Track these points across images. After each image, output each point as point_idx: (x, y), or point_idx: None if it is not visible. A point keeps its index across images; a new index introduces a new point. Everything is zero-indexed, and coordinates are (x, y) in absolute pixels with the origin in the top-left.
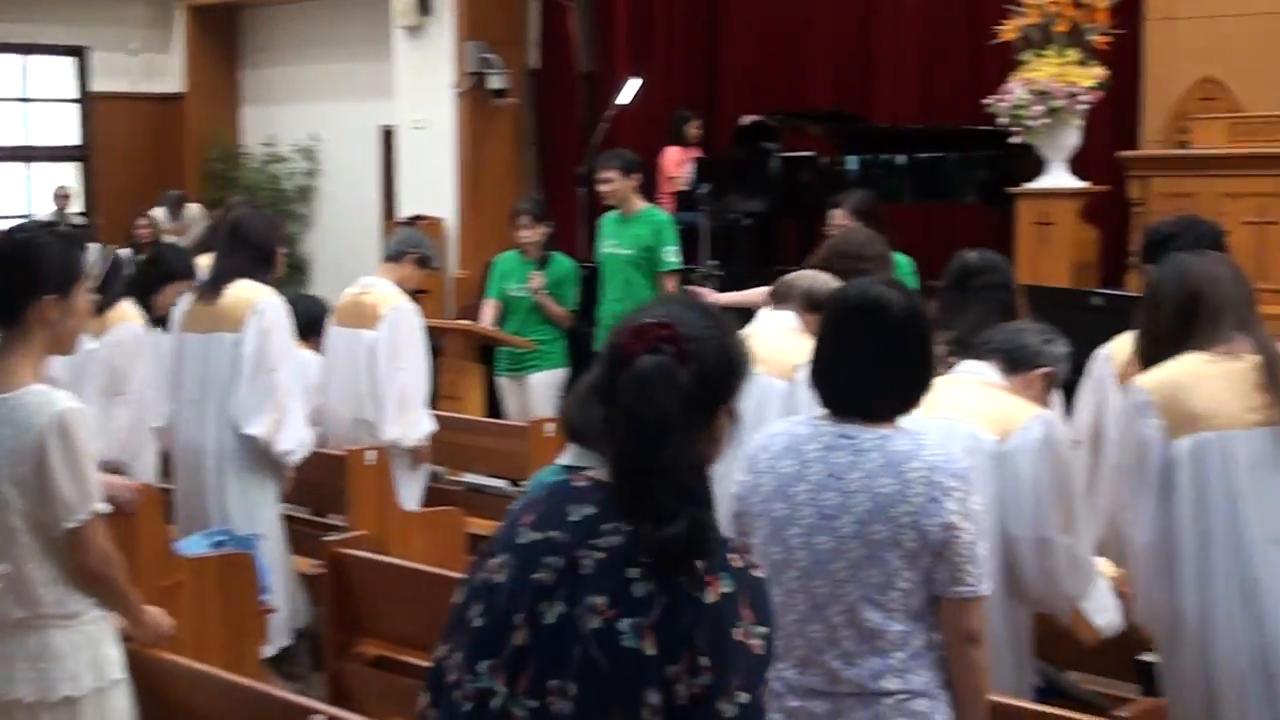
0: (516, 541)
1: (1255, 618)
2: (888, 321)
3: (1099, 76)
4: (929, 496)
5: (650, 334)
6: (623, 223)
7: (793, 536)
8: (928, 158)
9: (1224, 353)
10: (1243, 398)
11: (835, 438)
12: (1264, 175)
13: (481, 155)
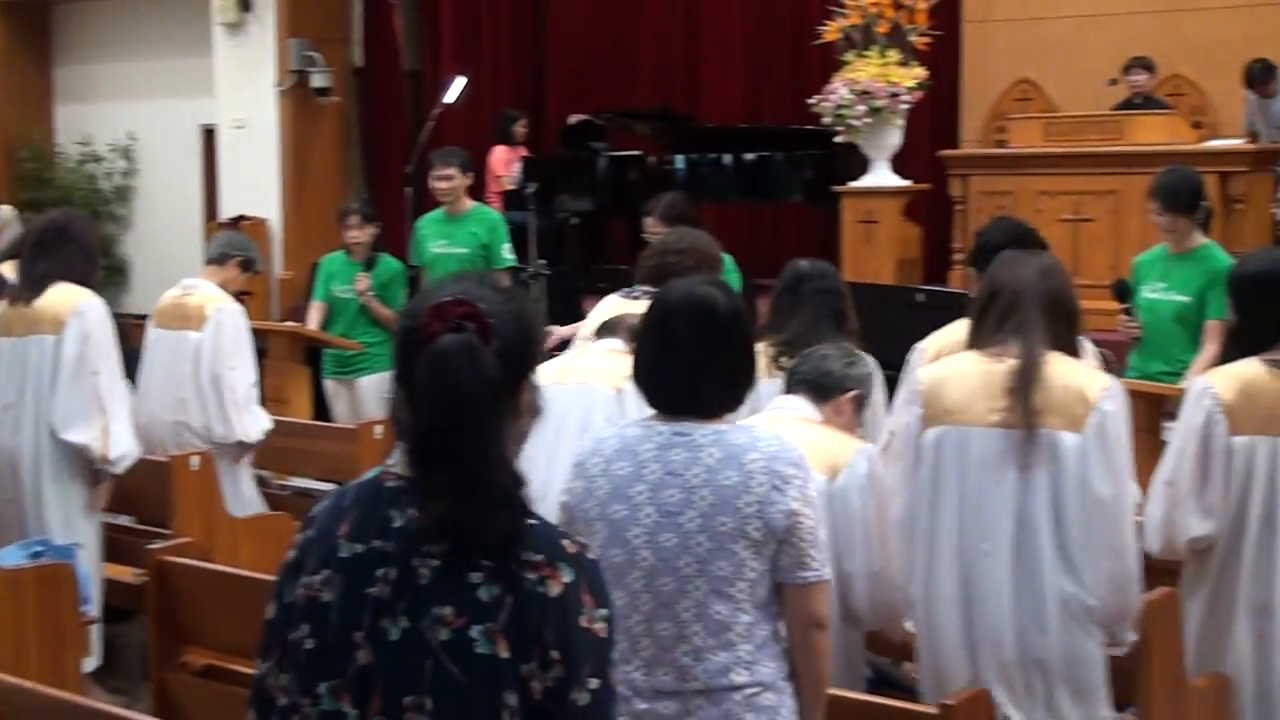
0: (339, 555)
1: (966, 620)
2: (713, 319)
3: (919, 77)
4: (771, 485)
5: (450, 312)
6: (452, 222)
7: (635, 537)
8: (754, 157)
9: (994, 354)
10: (990, 398)
11: (670, 436)
12: (1078, 174)
13: (305, 154)
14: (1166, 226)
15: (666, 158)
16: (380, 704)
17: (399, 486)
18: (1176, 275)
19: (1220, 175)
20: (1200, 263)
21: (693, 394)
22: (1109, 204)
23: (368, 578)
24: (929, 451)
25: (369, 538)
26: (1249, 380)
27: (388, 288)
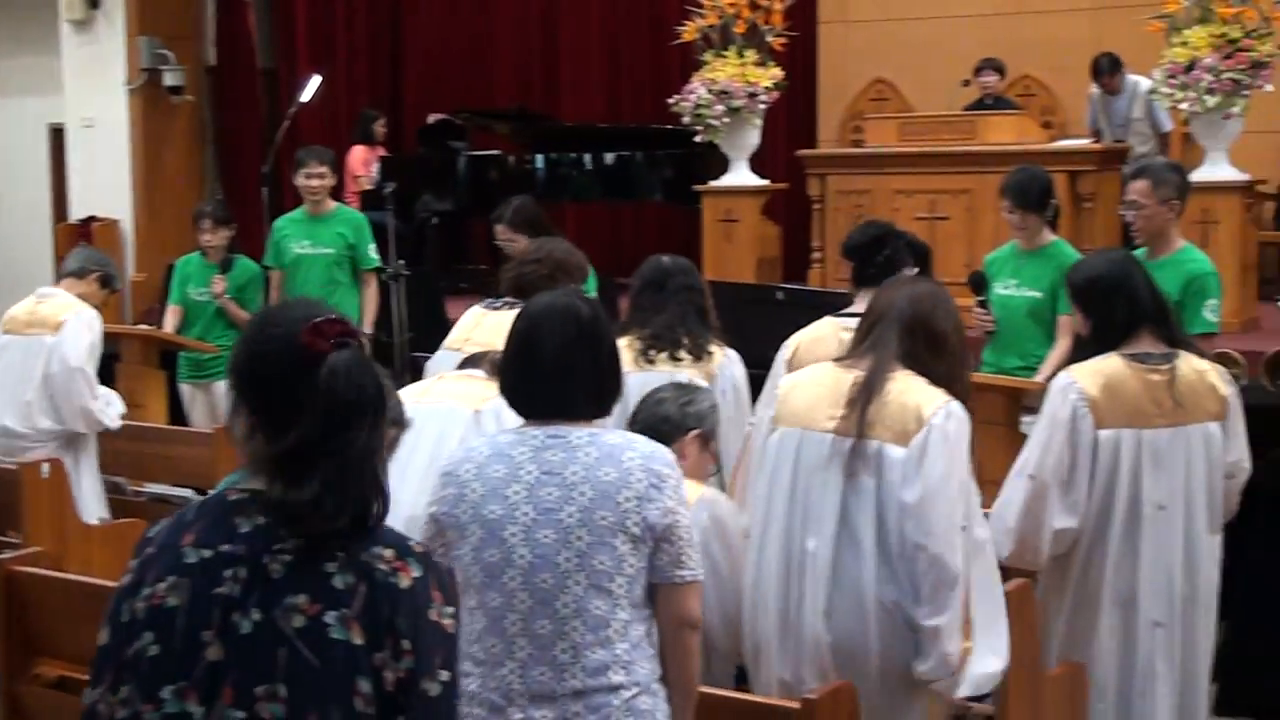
0: (185, 562)
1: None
2: (576, 326)
3: (776, 77)
4: (649, 483)
5: (331, 330)
6: (315, 222)
7: (512, 535)
8: (615, 157)
9: (848, 365)
10: (832, 406)
11: (545, 439)
12: (933, 173)
13: (158, 154)
14: (1017, 224)
15: (526, 157)
16: (231, 696)
17: (243, 499)
18: (1028, 272)
19: (1069, 174)
20: (1050, 259)
21: (562, 399)
22: (963, 202)
23: (216, 578)
24: (771, 451)
25: (216, 543)
26: (1110, 375)
27: (244, 290)
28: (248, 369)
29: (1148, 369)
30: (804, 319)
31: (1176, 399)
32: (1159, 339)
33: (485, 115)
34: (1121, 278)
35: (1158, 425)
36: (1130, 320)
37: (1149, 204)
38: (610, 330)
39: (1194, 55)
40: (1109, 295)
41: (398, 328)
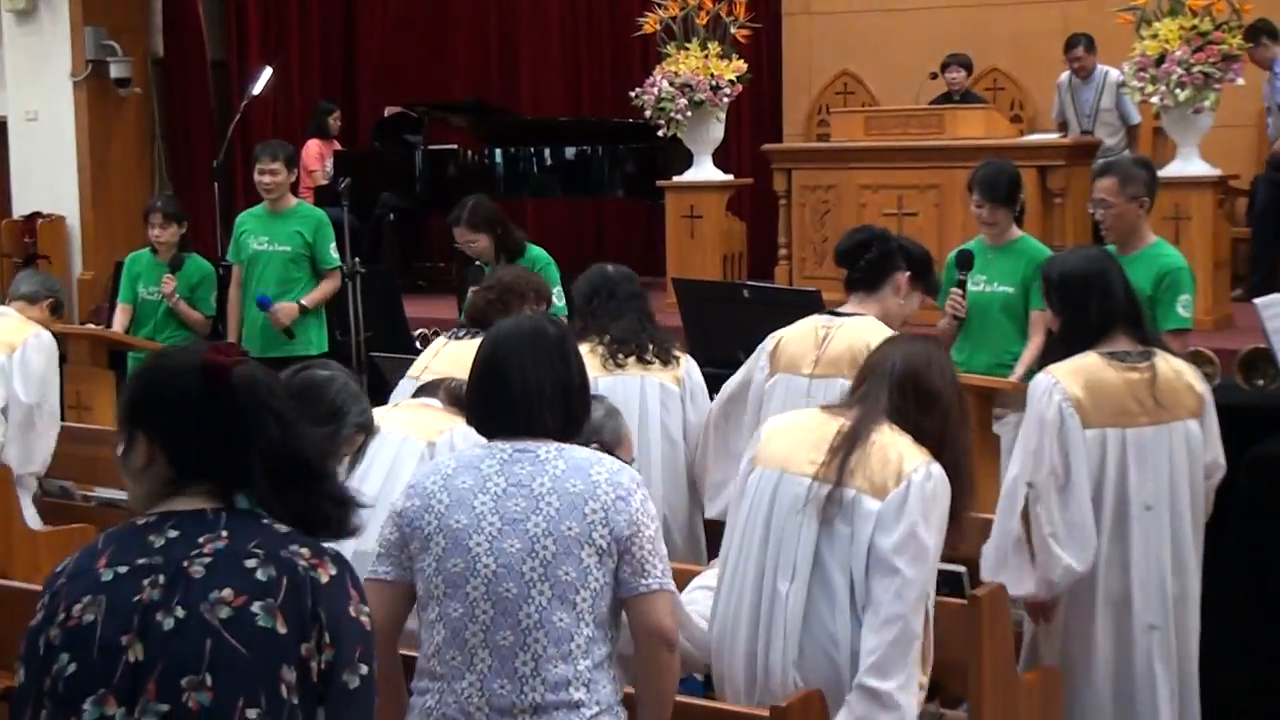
0: (100, 581)
1: (752, 659)
2: (544, 346)
3: (740, 70)
4: (615, 495)
5: (231, 350)
6: (274, 219)
7: (477, 545)
8: (575, 151)
9: (835, 412)
10: (813, 449)
11: (513, 453)
12: (900, 168)
13: (105, 148)
14: (987, 219)
15: (484, 152)
16: (154, 692)
17: (151, 521)
18: (998, 267)
19: (1039, 169)
20: (1020, 254)
21: (530, 421)
22: (931, 197)
23: (134, 588)
24: (749, 490)
25: (132, 559)
26: (1091, 373)
27: (197, 290)
28: (148, 398)
29: (1127, 367)
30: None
31: (1157, 397)
32: (1133, 339)
33: (442, 108)
34: (1095, 275)
35: (1141, 424)
36: (1103, 318)
37: (1117, 202)
38: (578, 351)
39: (1164, 48)
40: (1083, 292)
41: (354, 327)
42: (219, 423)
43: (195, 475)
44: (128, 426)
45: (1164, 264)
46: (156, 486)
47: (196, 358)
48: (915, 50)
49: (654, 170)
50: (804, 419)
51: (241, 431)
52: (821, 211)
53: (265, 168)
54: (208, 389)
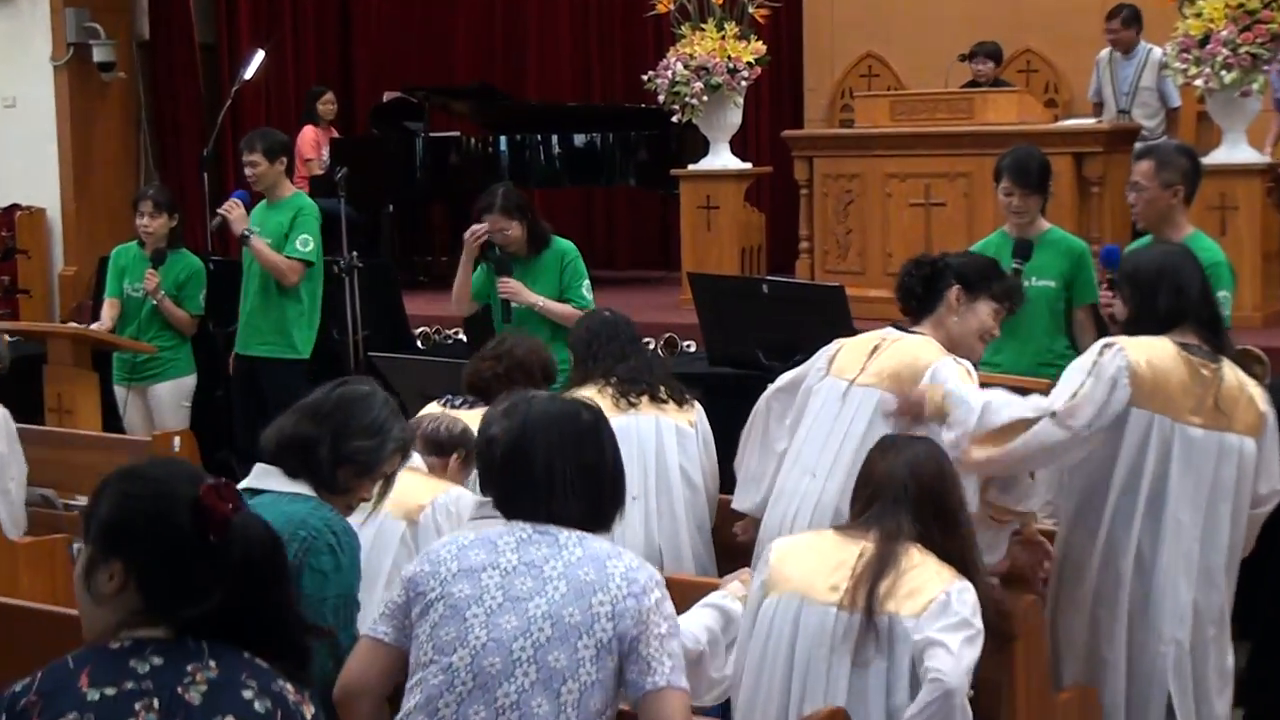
0: (87, 700)
1: None
2: (576, 432)
3: (759, 52)
4: (628, 591)
5: (229, 494)
6: (268, 210)
7: (473, 615)
8: (584, 138)
9: (852, 533)
10: (833, 573)
11: (532, 533)
12: (928, 155)
13: (88, 136)
14: (1016, 207)
15: (488, 139)
16: None
17: (129, 646)
18: (1035, 261)
19: (1074, 156)
20: (1055, 246)
21: (553, 507)
22: (961, 187)
23: (126, 710)
24: (765, 619)
25: (119, 682)
26: (1159, 354)
27: (184, 287)
28: (128, 526)
29: (1199, 361)
30: (791, 313)
31: (1218, 401)
32: (1202, 339)
33: (444, 93)
34: (1171, 268)
35: (1193, 422)
36: (1173, 310)
37: (1150, 186)
38: (614, 441)
39: (1209, 28)
40: (1154, 282)
41: (352, 325)
42: (207, 571)
43: (168, 611)
44: (100, 549)
45: (1200, 258)
46: (123, 616)
47: (191, 489)
48: (944, 30)
49: (668, 158)
50: (818, 541)
51: (230, 586)
52: (845, 202)
53: (244, 159)
54: (200, 531)
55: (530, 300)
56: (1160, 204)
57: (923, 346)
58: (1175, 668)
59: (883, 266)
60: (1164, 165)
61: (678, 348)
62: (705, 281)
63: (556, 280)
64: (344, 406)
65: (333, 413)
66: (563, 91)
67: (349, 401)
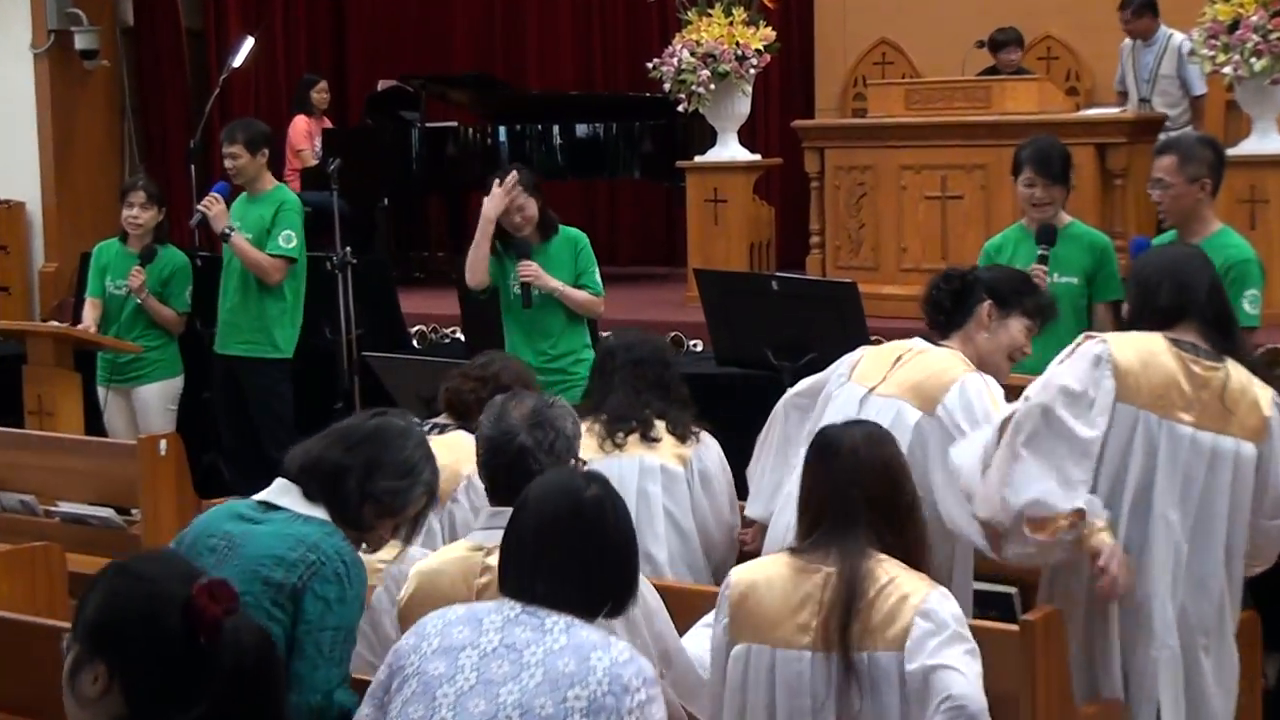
0: None
1: None
2: (573, 511)
3: (768, 38)
4: (608, 689)
5: (223, 595)
6: (250, 204)
7: (443, 695)
8: (587, 129)
9: (806, 561)
10: (798, 611)
11: (520, 614)
12: (945, 146)
13: (70, 127)
14: (1040, 198)
15: (487, 130)
16: None
17: None
18: (1058, 256)
19: (1097, 147)
20: (1078, 240)
21: (549, 592)
22: (978, 179)
23: None
24: (735, 667)
25: None
26: (1147, 349)
27: (169, 284)
28: (115, 626)
29: (1191, 359)
30: (802, 311)
31: (1216, 401)
32: (1207, 339)
33: (441, 82)
34: (1178, 265)
35: (1183, 420)
36: (1175, 305)
37: (1175, 182)
38: (620, 521)
39: (1238, 13)
40: (1157, 277)
41: (345, 324)
42: (195, 677)
43: (152, 717)
44: (86, 649)
45: (1229, 255)
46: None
47: (183, 589)
48: (960, 16)
49: (673, 149)
50: (775, 572)
51: (219, 694)
52: (858, 195)
53: (225, 151)
54: (190, 634)
55: (551, 285)
56: (1187, 200)
57: (949, 360)
58: (1167, 674)
59: (897, 262)
60: (1188, 159)
61: (684, 347)
62: (712, 278)
63: (571, 267)
64: (378, 439)
65: (364, 443)
66: (564, 80)
67: (384, 435)
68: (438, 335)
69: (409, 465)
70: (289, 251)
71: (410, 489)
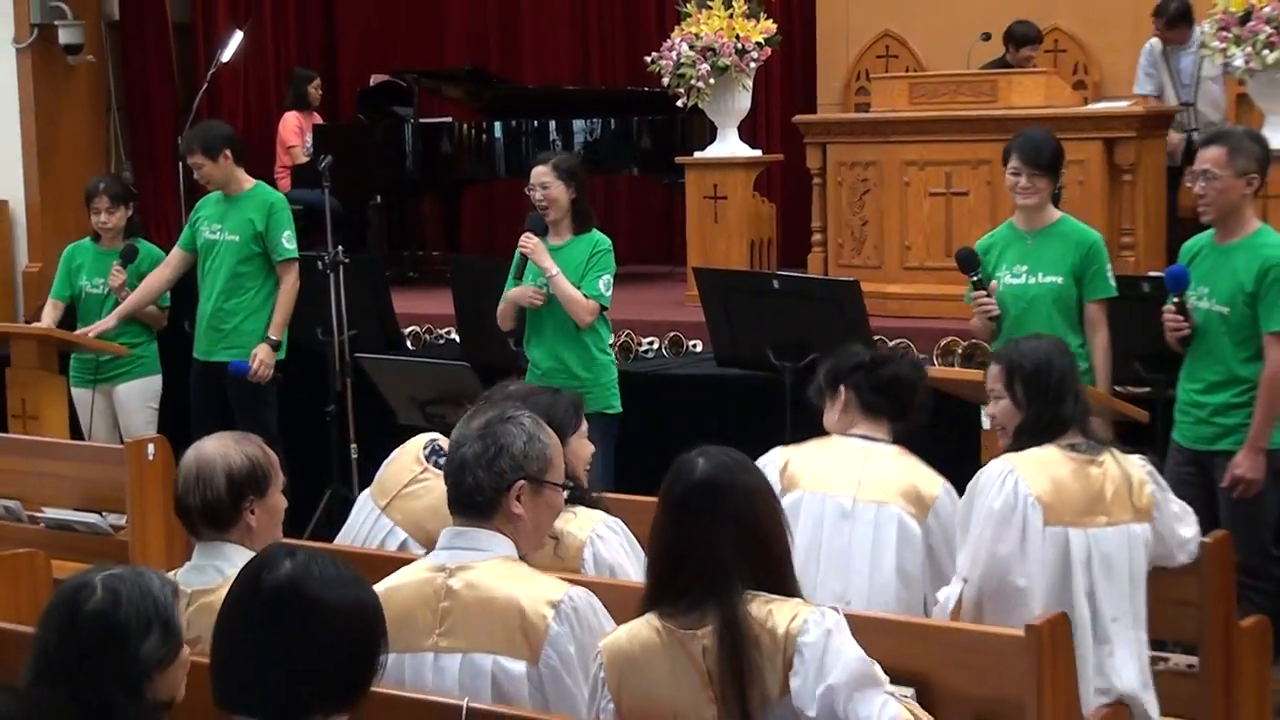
0: None
1: None
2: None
3: (769, 31)
4: None
5: None
6: (230, 203)
7: None
8: (584, 124)
9: (681, 625)
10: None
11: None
12: (950, 141)
13: (54, 123)
14: (1025, 186)
15: (482, 125)
16: None
17: None
18: (1042, 254)
19: (1105, 142)
20: (1065, 238)
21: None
22: (983, 174)
23: None
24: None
25: None
26: (1053, 466)
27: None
28: None
29: (1085, 460)
30: (803, 310)
31: (1112, 495)
32: (1084, 434)
33: (435, 77)
34: (1069, 370)
35: (1101, 524)
36: (1071, 417)
37: (1223, 175)
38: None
39: (1250, 3)
40: (1060, 388)
41: (337, 325)
42: None
43: None
44: None
45: (1270, 255)
46: None
47: None
48: (966, 7)
49: (673, 145)
50: (650, 645)
51: None
52: (861, 191)
53: (188, 162)
54: None
55: (545, 265)
56: (1233, 194)
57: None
58: None
59: (900, 260)
60: (1238, 151)
61: (683, 347)
62: (712, 277)
63: (582, 265)
64: (103, 636)
65: (93, 653)
66: (561, 74)
67: (102, 627)
68: (432, 336)
69: (144, 613)
70: (291, 253)
71: (170, 619)
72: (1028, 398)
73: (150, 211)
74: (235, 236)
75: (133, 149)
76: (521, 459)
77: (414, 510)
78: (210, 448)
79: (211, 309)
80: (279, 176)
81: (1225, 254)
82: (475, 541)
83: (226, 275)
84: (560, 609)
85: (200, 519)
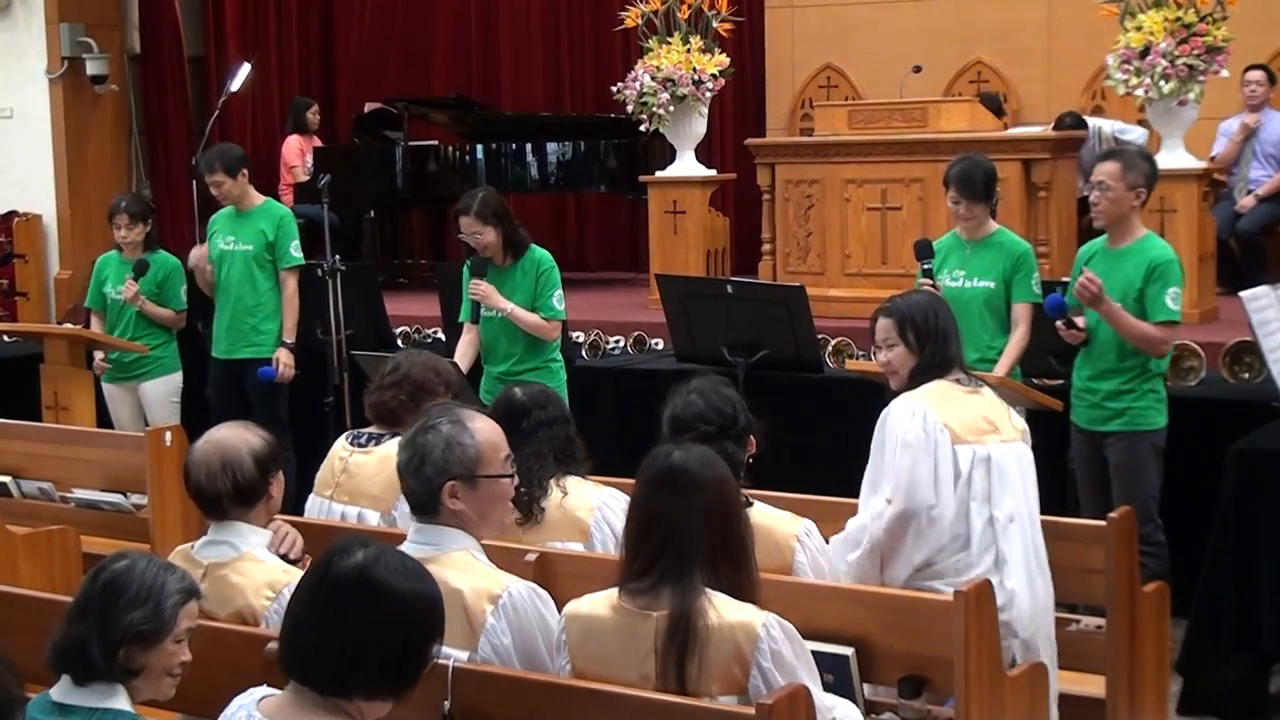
0: None
1: None
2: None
3: (723, 64)
4: None
5: None
6: (241, 218)
7: None
8: (557, 146)
9: (640, 605)
10: (639, 659)
11: None
12: (885, 162)
13: (82, 146)
14: (964, 215)
15: (465, 148)
16: None
17: None
18: (977, 262)
19: (1023, 162)
20: (999, 248)
21: (288, 660)
22: (915, 191)
23: None
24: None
25: None
26: (946, 395)
27: (165, 285)
28: None
29: (970, 390)
30: (754, 313)
31: (997, 418)
32: (964, 371)
33: (422, 104)
34: (947, 316)
35: (993, 440)
36: (957, 356)
37: (1116, 186)
38: (386, 593)
39: (1148, 40)
40: (946, 331)
41: (335, 325)
42: None
43: None
44: None
45: (1154, 257)
46: None
47: None
48: (898, 43)
49: (636, 165)
50: (605, 617)
51: None
52: (805, 206)
53: (207, 180)
54: None
55: (500, 305)
56: (1123, 204)
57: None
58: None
59: (841, 267)
60: (1129, 167)
61: (646, 345)
62: (672, 282)
63: (531, 288)
64: (106, 590)
65: (94, 604)
66: (536, 102)
67: (109, 583)
68: (420, 335)
69: (145, 591)
70: (297, 260)
71: (158, 609)
72: (920, 343)
73: (167, 225)
74: (249, 246)
75: (152, 169)
76: (443, 464)
77: (354, 486)
78: (228, 436)
79: (230, 313)
80: (282, 194)
81: (1117, 257)
82: (430, 537)
83: (240, 281)
84: (499, 604)
85: (231, 500)
